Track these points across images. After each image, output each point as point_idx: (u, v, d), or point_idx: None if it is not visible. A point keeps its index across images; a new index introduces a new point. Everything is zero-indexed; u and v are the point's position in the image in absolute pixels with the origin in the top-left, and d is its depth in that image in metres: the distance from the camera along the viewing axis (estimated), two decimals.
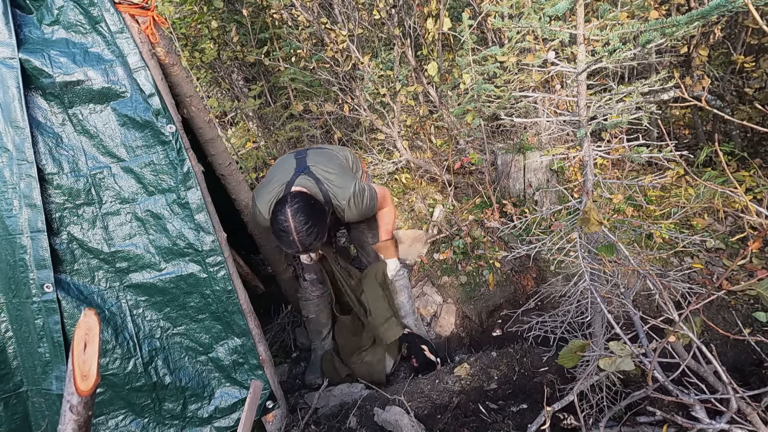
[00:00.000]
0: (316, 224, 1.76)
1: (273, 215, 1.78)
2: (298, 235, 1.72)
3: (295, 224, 1.71)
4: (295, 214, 1.72)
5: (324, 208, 1.86)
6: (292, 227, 1.72)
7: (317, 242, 1.78)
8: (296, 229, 1.72)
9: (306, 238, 1.73)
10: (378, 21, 3.43)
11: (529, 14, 1.48)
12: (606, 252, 1.34)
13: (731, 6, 1.03)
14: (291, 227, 1.72)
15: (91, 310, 1.03)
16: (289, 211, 1.72)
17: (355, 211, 2.00)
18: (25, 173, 1.53)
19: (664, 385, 1.24)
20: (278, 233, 1.76)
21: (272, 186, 1.92)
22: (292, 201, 1.75)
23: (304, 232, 1.72)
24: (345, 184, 1.96)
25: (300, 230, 1.72)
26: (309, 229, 1.73)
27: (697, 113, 3.31)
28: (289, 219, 1.72)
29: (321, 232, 1.78)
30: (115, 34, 1.55)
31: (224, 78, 4.40)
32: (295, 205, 1.73)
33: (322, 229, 1.79)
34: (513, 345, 2.24)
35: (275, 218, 1.76)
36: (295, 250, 1.78)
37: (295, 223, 1.71)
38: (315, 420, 2.05)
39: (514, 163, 3.03)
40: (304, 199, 1.77)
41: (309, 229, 1.73)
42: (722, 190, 1.10)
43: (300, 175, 1.94)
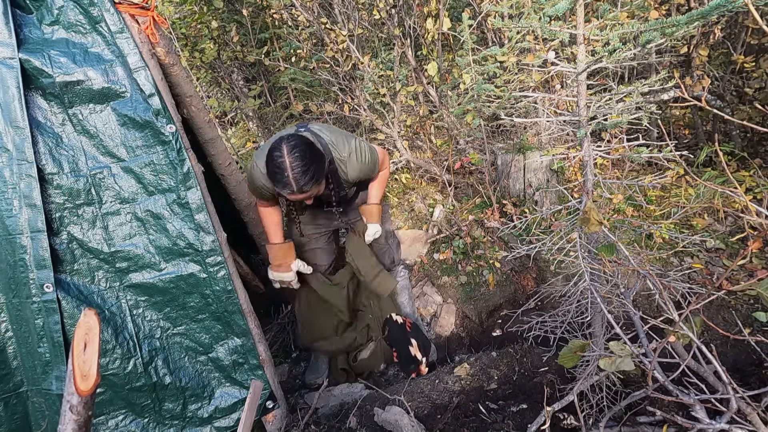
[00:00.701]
0: (313, 163, 1.68)
1: (269, 154, 1.69)
2: (293, 171, 1.65)
3: (291, 160, 1.64)
4: (291, 150, 1.65)
5: (322, 153, 1.78)
6: (287, 163, 1.64)
7: (312, 183, 1.70)
8: (291, 165, 1.64)
9: (301, 176, 1.66)
10: (378, 21, 3.43)
11: (529, 14, 1.48)
12: (606, 252, 1.34)
13: (731, 6, 1.03)
14: (286, 162, 1.64)
15: (91, 310, 1.03)
16: (285, 148, 1.65)
17: (357, 166, 1.94)
18: (25, 173, 1.53)
19: (664, 385, 1.24)
20: (273, 172, 1.68)
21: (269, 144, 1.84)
22: (289, 140, 1.68)
23: (300, 169, 1.65)
24: (345, 140, 1.92)
25: (295, 166, 1.65)
26: (305, 166, 1.66)
27: (697, 113, 3.31)
28: (284, 155, 1.65)
29: (317, 172, 1.71)
30: (115, 34, 1.55)
31: (224, 78, 4.40)
32: (291, 142, 1.67)
33: (318, 169, 1.71)
34: (513, 345, 2.24)
35: (270, 156, 1.68)
36: (289, 189, 1.69)
37: (291, 158, 1.64)
38: (315, 420, 2.05)
39: (514, 163, 3.03)
40: (302, 140, 1.71)
41: (305, 167, 1.66)
42: (722, 190, 1.10)
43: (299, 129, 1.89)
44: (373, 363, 2.45)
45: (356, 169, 1.96)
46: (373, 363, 2.45)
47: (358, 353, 2.46)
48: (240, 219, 2.33)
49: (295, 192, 1.70)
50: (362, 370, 2.44)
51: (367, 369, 2.44)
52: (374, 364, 2.45)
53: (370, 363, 2.44)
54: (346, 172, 1.96)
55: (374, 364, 2.45)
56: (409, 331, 2.38)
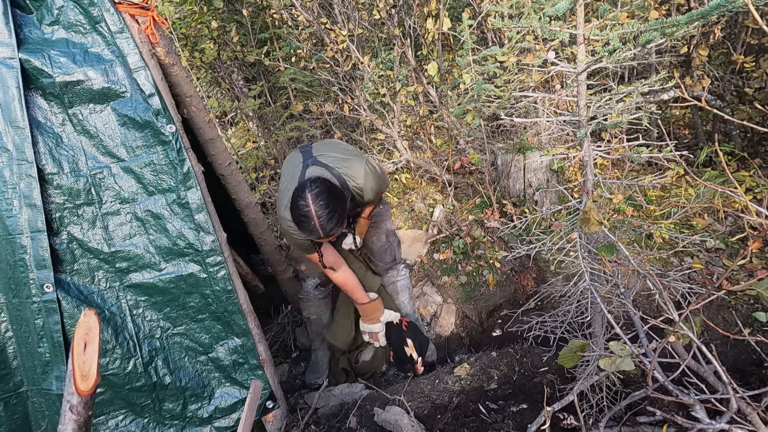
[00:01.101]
0: (337, 208, 1.71)
1: (293, 203, 1.72)
2: (319, 219, 1.67)
3: (316, 209, 1.66)
4: (316, 199, 1.67)
5: (343, 193, 1.81)
6: (313, 212, 1.67)
7: (338, 227, 1.73)
8: (317, 214, 1.67)
9: (327, 222, 1.68)
10: (378, 21, 3.43)
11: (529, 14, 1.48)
12: (606, 252, 1.34)
13: (731, 6, 1.03)
14: (312, 212, 1.67)
15: (91, 310, 1.03)
16: (309, 196, 1.67)
17: (374, 187, 1.96)
18: (25, 173, 1.53)
19: (664, 385, 1.24)
20: (299, 220, 1.71)
21: (287, 191, 1.88)
22: (311, 186, 1.70)
23: (326, 216, 1.67)
24: (355, 164, 1.93)
25: (321, 214, 1.67)
26: (330, 213, 1.68)
27: (697, 113, 3.31)
28: (309, 204, 1.67)
29: (342, 215, 1.74)
30: (115, 34, 1.55)
31: (224, 78, 4.40)
32: (314, 190, 1.69)
33: (342, 212, 1.74)
34: (513, 345, 2.24)
35: (295, 205, 1.70)
36: (316, 235, 1.73)
37: (316, 207, 1.66)
38: (315, 420, 2.05)
39: (514, 163, 3.03)
40: (323, 183, 1.72)
41: (330, 213, 1.68)
42: (722, 190, 1.10)
43: (308, 167, 1.90)
44: (375, 365, 2.45)
45: (372, 190, 1.99)
46: (374, 365, 2.45)
47: (359, 354, 2.46)
48: (240, 219, 2.33)
49: (322, 237, 1.75)
50: (364, 371, 2.44)
51: (369, 371, 2.44)
52: (376, 365, 2.45)
53: (372, 365, 2.44)
54: (363, 196, 1.99)
55: (376, 366, 2.45)
56: (405, 331, 2.38)
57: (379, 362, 2.45)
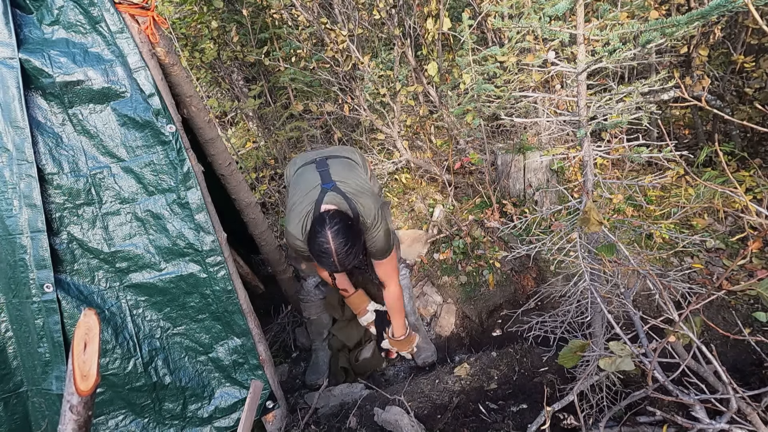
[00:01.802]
0: (355, 244, 1.77)
1: (311, 236, 1.77)
2: (338, 256, 1.73)
3: (336, 246, 1.71)
4: (336, 236, 1.71)
5: (360, 228, 1.86)
6: (332, 249, 1.72)
7: (355, 261, 1.79)
8: (337, 251, 1.72)
9: (345, 258, 1.74)
10: (378, 21, 3.43)
11: (529, 14, 1.48)
12: (606, 252, 1.34)
13: (731, 6, 1.03)
14: (332, 249, 1.72)
15: (91, 310, 1.03)
16: (330, 234, 1.71)
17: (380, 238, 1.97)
18: (25, 173, 1.53)
19: (664, 385, 1.24)
20: (318, 255, 1.76)
21: (301, 207, 1.89)
22: (331, 222, 1.74)
23: (344, 253, 1.73)
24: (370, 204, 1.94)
25: (340, 252, 1.72)
26: (348, 249, 1.73)
27: (697, 113, 3.31)
28: (330, 241, 1.71)
29: (358, 251, 1.80)
30: (115, 34, 1.55)
31: (224, 78, 4.40)
32: (334, 227, 1.73)
33: (359, 248, 1.80)
34: (513, 345, 2.24)
35: (314, 240, 1.75)
36: (333, 269, 1.81)
37: (336, 245, 1.71)
38: (315, 420, 2.05)
39: (514, 163, 3.03)
40: (342, 220, 1.77)
41: (348, 250, 1.73)
42: (722, 190, 1.10)
43: (327, 191, 1.91)
44: (374, 363, 2.45)
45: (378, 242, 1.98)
46: (374, 363, 2.45)
47: (359, 353, 2.46)
48: (240, 219, 2.33)
49: (338, 271, 1.82)
50: (363, 370, 2.44)
51: (369, 369, 2.45)
52: (375, 364, 2.45)
53: (371, 363, 2.44)
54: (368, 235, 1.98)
55: (375, 364, 2.46)
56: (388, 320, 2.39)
57: (378, 360, 2.46)
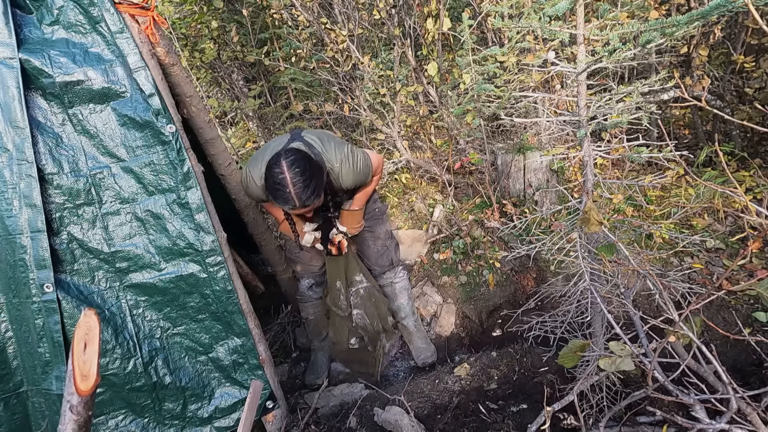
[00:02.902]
0: (313, 177, 1.70)
1: (267, 170, 1.71)
2: (294, 187, 1.66)
3: (291, 175, 1.65)
4: (291, 166, 1.66)
5: (320, 165, 1.80)
6: (288, 179, 1.65)
7: (314, 198, 1.72)
8: (292, 181, 1.65)
9: (303, 191, 1.67)
10: (378, 21, 3.42)
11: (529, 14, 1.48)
12: (606, 252, 1.34)
13: (731, 6, 1.03)
14: (287, 179, 1.65)
15: (91, 310, 1.03)
16: (285, 164, 1.66)
17: (350, 175, 1.94)
18: (25, 173, 1.53)
19: (664, 385, 1.24)
20: (273, 188, 1.70)
21: (265, 155, 1.85)
22: (287, 154, 1.69)
23: (301, 184, 1.66)
24: (337, 148, 1.92)
25: (296, 182, 1.66)
26: (305, 181, 1.67)
27: (697, 113, 3.30)
28: (285, 171, 1.66)
29: (318, 186, 1.73)
30: (115, 34, 1.55)
31: (224, 78, 4.40)
32: (290, 158, 1.68)
33: (319, 183, 1.73)
34: (513, 345, 2.24)
35: (270, 172, 1.69)
36: (291, 205, 1.72)
37: (291, 174, 1.65)
38: (315, 420, 2.05)
39: (514, 163, 3.03)
40: (299, 153, 1.72)
41: (305, 182, 1.67)
42: (722, 190, 1.10)
43: (293, 141, 1.89)
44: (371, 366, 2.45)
45: (350, 178, 1.96)
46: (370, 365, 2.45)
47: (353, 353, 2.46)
48: (240, 219, 2.33)
49: (297, 207, 1.72)
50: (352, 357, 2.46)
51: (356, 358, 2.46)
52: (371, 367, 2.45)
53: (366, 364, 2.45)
54: (341, 183, 1.96)
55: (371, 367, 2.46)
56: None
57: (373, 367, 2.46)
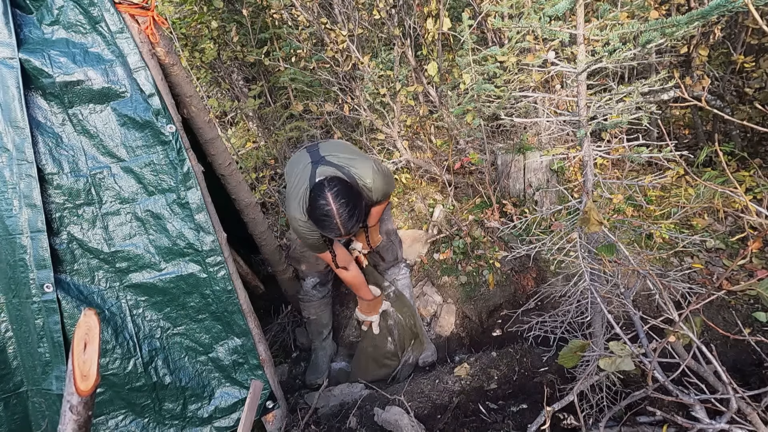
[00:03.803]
0: (357, 205, 1.72)
1: (312, 204, 1.72)
2: (340, 218, 1.67)
3: (337, 207, 1.67)
4: (336, 197, 1.68)
5: (359, 190, 1.83)
6: (334, 211, 1.67)
7: (358, 224, 1.75)
8: (338, 212, 1.67)
9: (348, 221, 1.69)
10: (378, 21, 3.43)
11: (529, 14, 1.48)
12: (606, 252, 1.34)
13: (731, 6, 1.03)
14: (333, 211, 1.67)
15: (91, 310, 1.03)
16: (330, 195, 1.68)
17: (381, 186, 1.98)
18: (25, 173, 1.53)
19: (664, 385, 1.24)
20: (320, 220, 1.71)
21: (297, 188, 1.89)
22: (330, 185, 1.71)
23: (346, 214, 1.68)
24: (364, 164, 1.94)
25: (342, 213, 1.67)
26: (350, 210, 1.69)
27: (697, 113, 3.30)
28: (330, 203, 1.67)
29: (361, 213, 1.75)
30: (115, 34, 1.55)
31: (224, 78, 4.40)
32: (334, 189, 1.69)
33: (361, 210, 1.76)
34: (513, 345, 2.24)
35: (315, 204, 1.70)
36: (336, 234, 1.73)
37: (337, 205, 1.67)
38: (315, 420, 2.05)
39: (514, 163, 3.03)
40: (341, 182, 1.74)
41: (350, 211, 1.69)
42: (722, 190, 1.10)
43: (318, 165, 1.90)
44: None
45: (380, 190, 2.00)
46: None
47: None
48: (240, 219, 2.33)
49: (343, 235, 1.74)
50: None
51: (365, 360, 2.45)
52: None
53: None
54: (372, 197, 1.99)
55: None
56: None
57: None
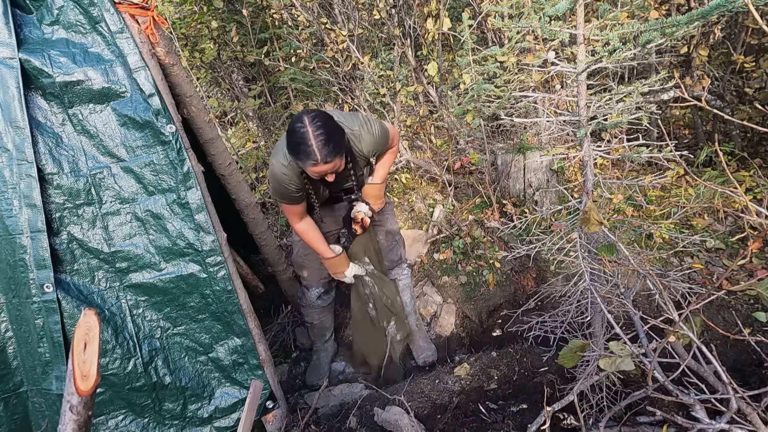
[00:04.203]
0: (334, 133, 1.71)
1: (290, 129, 1.72)
2: (316, 140, 1.66)
3: (313, 129, 1.66)
4: (313, 121, 1.68)
5: (340, 126, 1.81)
6: (309, 133, 1.66)
7: (335, 154, 1.72)
8: (314, 134, 1.66)
9: (323, 146, 1.68)
10: (378, 21, 3.43)
11: (529, 14, 1.48)
12: (606, 252, 1.34)
13: (731, 6, 1.03)
14: (308, 133, 1.66)
15: (91, 310, 1.03)
16: (307, 119, 1.68)
17: (369, 138, 1.96)
18: (25, 173, 1.53)
19: (664, 385, 1.24)
20: (295, 144, 1.70)
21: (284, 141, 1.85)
22: (309, 113, 1.71)
23: (323, 138, 1.67)
24: (353, 117, 1.95)
25: (317, 135, 1.67)
26: (327, 135, 1.68)
27: (697, 113, 3.31)
28: (306, 125, 1.67)
29: (339, 142, 1.73)
30: (115, 34, 1.55)
31: (224, 78, 4.41)
32: (311, 115, 1.70)
33: (339, 140, 1.74)
34: (513, 345, 2.24)
35: (292, 129, 1.70)
36: (312, 160, 1.70)
37: (312, 128, 1.67)
38: (315, 420, 2.05)
39: (514, 163, 3.03)
40: (321, 113, 1.74)
41: (327, 136, 1.68)
42: (722, 190, 1.10)
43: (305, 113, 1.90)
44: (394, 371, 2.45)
45: (369, 143, 1.97)
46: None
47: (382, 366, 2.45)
48: (240, 219, 2.33)
49: (319, 162, 1.70)
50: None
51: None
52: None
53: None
54: (361, 147, 1.97)
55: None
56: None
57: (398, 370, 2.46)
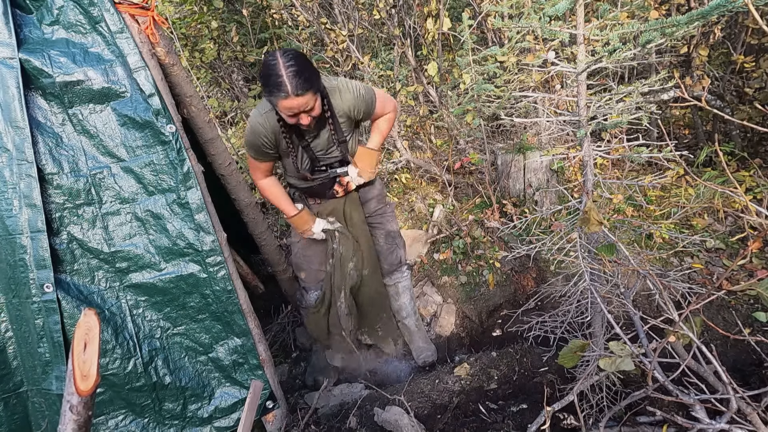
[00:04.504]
0: (306, 67, 1.68)
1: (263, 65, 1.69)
2: (286, 71, 1.63)
3: (284, 61, 1.64)
4: (284, 54, 1.66)
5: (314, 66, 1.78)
6: (280, 64, 1.63)
7: (307, 87, 1.68)
8: (284, 65, 1.63)
9: (294, 76, 1.64)
10: (378, 21, 3.43)
11: (529, 14, 1.48)
12: (606, 252, 1.34)
13: (731, 6, 1.03)
14: (279, 64, 1.63)
15: (91, 310, 1.03)
16: (278, 53, 1.66)
17: (348, 96, 1.91)
18: (25, 173, 1.53)
19: (664, 385, 1.24)
20: (266, 77, 1.67)
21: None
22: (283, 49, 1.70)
23: (293, 69, 1.64)
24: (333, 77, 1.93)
25: (288, 66, 1.63)
26: (298, 67, 1.65)
27: (697, 113, 3.31)
28: (278, 58, 1.65)
29: (310, 78, 1.70)
30: (115, 34, 1.55)
31: (224, 78, 4.41)
32: (284, 49, 1.70)
33: (311, 76, 1.70)
34: (513, 345, 2.24)
35: (264, 64, 1.68)
36: (284, 92, 1.66)
37: (284, 59, 1.64)
38: (315, 420, 2.05)
39: (514, 163, 3.03)
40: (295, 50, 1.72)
41: (298, 67, 1.65)
42: (722, 190, 1.10)
43: None
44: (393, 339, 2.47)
45: (349, 99, 1.93)
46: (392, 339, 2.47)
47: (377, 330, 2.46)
48: (240, 219, 2.33)
49: (290, 94, 1.66)
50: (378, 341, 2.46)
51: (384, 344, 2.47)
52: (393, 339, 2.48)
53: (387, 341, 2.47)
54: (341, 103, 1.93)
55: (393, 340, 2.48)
56: None
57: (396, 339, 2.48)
